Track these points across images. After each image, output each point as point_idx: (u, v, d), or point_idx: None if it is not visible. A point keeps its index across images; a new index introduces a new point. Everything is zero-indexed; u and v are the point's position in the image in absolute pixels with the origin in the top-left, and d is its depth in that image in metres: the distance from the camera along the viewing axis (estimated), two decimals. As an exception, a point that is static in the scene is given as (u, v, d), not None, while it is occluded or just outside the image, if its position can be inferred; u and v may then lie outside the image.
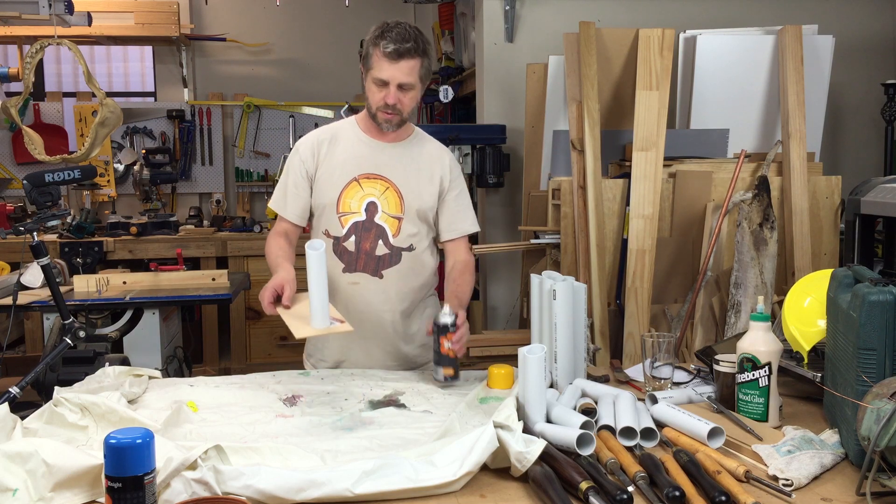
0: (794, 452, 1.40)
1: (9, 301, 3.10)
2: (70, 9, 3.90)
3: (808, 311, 1.75)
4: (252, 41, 5.90)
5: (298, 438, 1.57)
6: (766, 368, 1.60)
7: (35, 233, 2.13)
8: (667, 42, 3.15)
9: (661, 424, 1.58)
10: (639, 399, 1.68)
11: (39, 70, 5.78)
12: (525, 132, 3.84)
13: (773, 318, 1.90)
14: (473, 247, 2.93)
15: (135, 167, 5.14)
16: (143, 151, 5.23)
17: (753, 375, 1.61)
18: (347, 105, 5.14)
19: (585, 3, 3.98)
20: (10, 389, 1.84)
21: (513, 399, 1.58)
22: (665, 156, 3.09)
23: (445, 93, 4.35)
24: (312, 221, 2.21)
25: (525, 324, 3.73)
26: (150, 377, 1.96)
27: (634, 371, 2.02)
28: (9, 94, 4.64)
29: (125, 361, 2.34)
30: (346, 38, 5.85)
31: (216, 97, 5.87)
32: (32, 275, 3.44)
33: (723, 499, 1.24)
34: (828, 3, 4.13)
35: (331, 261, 2.09)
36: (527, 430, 1.50)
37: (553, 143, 3.56)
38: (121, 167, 5.67)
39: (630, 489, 1.27)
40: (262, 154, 5.87)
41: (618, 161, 3.34)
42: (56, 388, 1.69)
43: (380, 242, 2.12)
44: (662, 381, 1.81)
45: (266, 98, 5.88)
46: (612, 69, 3.35)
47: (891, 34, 4.24)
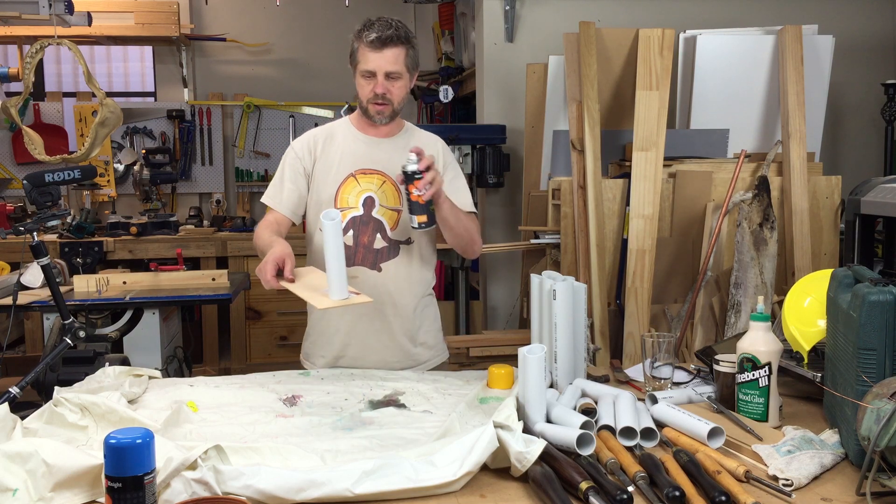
0: (794, 452, 1.40)
1: (9, 301, 3.09)
2: (70, 9, 3.89)
3: (808, 311, 1.75)
4: (252, 41, 5.89)
5: (298, 438, 1.57)
6: (766, 368, 1.60)
7: (35, 233, 2.13)
8: (667, 42, 3.15)
9: (661, 424, 1.58)
10: (639, 399, 1.68)
11: (39, 70, 5.77)
12: (525, 132, 3.84)
13: (773, 318, 1.90)
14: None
15: (135, 167, 5.14)
16: (143, 151, 5.23)
17: (753, 375, 1.61)
18: (347, 105, 5.13)
19: (585, 3, 3.99)
20: (10, 389, 1.83)
21: (513, 399, 1.58)
22: (665, 156, 3.09)
23: (445, 93, 4.35)
24: (307, 219, 2.21)
25: (525, 324, 3.73)
26: (150, 377, 1.96)
27: (634, 371, 2.01)
28: (9, 94, 4.63)
29: (125, 361, 2.34)
30: (346, 39, 5.78)
31: (216, 97, 5.87)
32: (32, 275, 3.43)
33: (723, 499, 1.24)
34: (828, 3, 4.13)
35: None
36: (527, 430, 1.49)
37: (553, 143, 3.56)
38: (121, 167, 5.66)
39: (630, 489, 1.27)
40: (262, 154, 5.86)
41: (618, 161, 3.34)
42: (56, 388, 1.69)
43: (377, 236, 2.13)
44: (662, 381, 1.81)
45: (266, 98, 5.88)
46: (612, 69, 3.35)
47: (891, 34, 4.24)
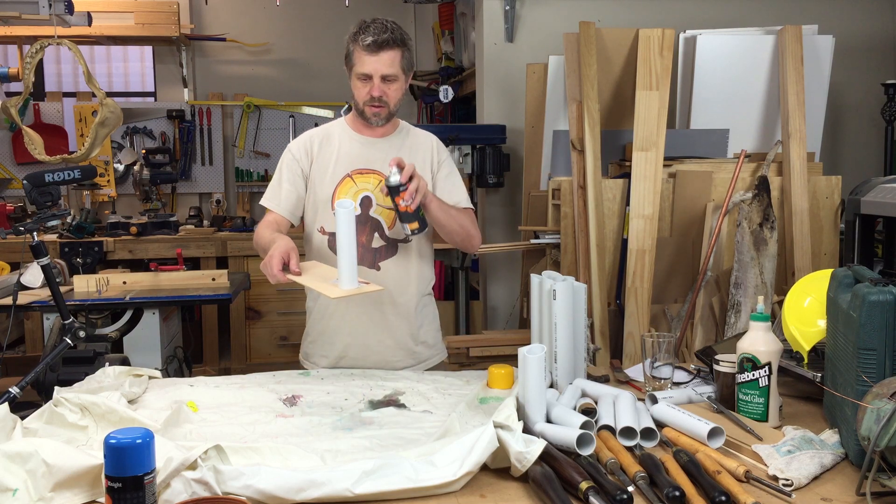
0: (794, 452, 1.40)
1: (9, 301, 3.09)
2: (70, 9, 3.89)
3: (808, 311, 1.75)
4: (252, 41, 5.89)
5: (298, 438, 1.57)
6: (766, 368, 1.60)
7: (35, 233, 2.13)
8: (667, 42, 3.15)
9: (661, 424, 1.57)
10: (639, 399, 1.68)
11: (39, 70, 5.77)
12: (525, 132, 3.84)
13: (773, 318, 1.90)
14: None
15: (135, 167, 5.14)
16: (143, 151, 5.23)
17: (753, 375, 1.61)
18: (347, 105, 5.13)
19: (585, 3, 3.98)
20: (10, 389, 1.83)
21: (513, 399, 1.58)
22: (665, 156, 3.09)
23: (445, 93, 4.35)
24: (306, 220, 2.22)
25: (525, 324, 3.73)
26: (150, 377, 1.96)
27: (634, 371, 2.01)
28: (9, 94, 4.64)
29: (125, 361, 2.34)
30: (346, 39, 5.83)
31: (216, 97, 5.87)
32: (32, 275, 3.43)
33: (723, 499, 1.24)
34: (828, 3, 4.13)
35: (328, 257, 2.11)
36: (527, 430, 1.49)
37: (553, 143, 3.56)
38: (121, 167, 5.66)
39: (630, 489, 1.27)
40: (262, 154, 5.86)
41: (618, 161, 3.34)
42: (56, 388, 1.69)
43: (375, 235, 2.14)
44: (662, 381, 1.81)
45: (266, 98, 5.88)
46: (612, 69, 3.35)
47: (891, 34, 4.24)
